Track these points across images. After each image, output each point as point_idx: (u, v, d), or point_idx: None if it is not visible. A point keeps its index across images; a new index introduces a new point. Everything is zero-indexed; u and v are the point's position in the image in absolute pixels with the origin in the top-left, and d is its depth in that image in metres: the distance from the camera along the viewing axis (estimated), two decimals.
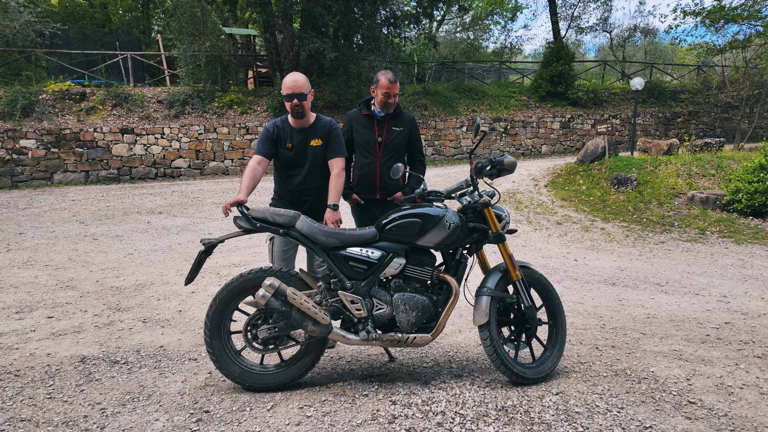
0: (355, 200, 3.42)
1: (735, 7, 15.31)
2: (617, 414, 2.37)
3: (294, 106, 2.87)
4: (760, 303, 4.28)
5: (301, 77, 2.89)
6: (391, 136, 3.33)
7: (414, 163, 3.50)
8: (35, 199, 9.87)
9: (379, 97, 3.25)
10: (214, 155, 13.30)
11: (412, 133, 3.42)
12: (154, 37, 20.83)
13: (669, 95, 19.08)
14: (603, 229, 7.48)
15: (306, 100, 2.88)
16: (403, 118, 3.39)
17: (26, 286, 4.61)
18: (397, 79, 3.24)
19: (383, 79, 3.20)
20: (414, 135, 3.44)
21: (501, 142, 16.18)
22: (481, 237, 2.71)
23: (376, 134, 3.32)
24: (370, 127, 3.34)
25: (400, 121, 3.37)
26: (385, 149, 3.33)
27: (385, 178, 3.32)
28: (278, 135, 2.95)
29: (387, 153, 3.33)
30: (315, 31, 13.44)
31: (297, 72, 3.00)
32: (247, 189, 2.71)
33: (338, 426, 2.28)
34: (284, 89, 2.87)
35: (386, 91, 3.20)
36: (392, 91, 3.21)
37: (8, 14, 13.45)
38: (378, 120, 3.33)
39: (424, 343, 2.58)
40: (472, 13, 25.54)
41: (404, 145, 3.41)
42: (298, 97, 2.85)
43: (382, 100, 3.24)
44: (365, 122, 3.36)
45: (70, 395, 2.58)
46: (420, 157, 3.50)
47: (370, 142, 3.33)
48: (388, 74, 3.21)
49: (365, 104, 3.38)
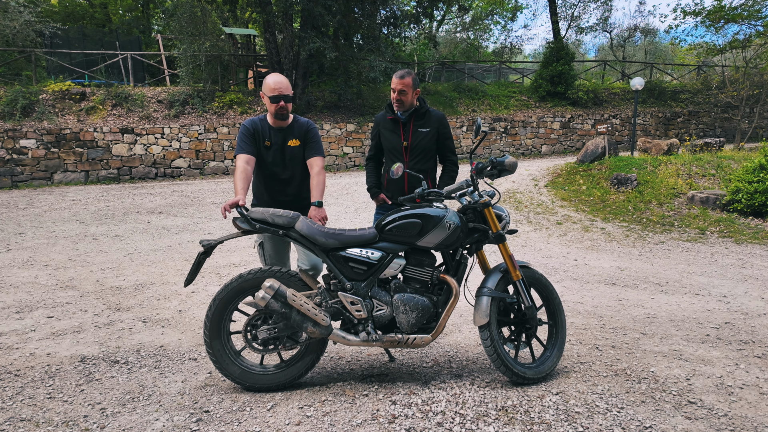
0: (382, 199, 3.36)
1: (735, 7, 15.31)
2: (617, 414, 2.37)
3: (280, 108, 2.84)
4: (760, 303, 4.28)
5: (285, 78, 2.89)
6: (417, 138, 3.21)
7: (446, 164, 3.37)
8: (35, 199, 9.87)
9: (392, 96, 3.18)
10: (214, 155, 13.30)
11: (440, 132, 3.26)
12: (154, 37, 20.82)
13: (669, 95, 19.07)
14: (603, 229, 7.48)
15: (290, 102, 2.89)
16: (429, 117, 3.24)
17: (26, 285, 4.61)
18: (407, 75, 3.12)
19: (393, 78, 3.15)
20: (443, 134, 3.27)
21: (501, 142, 16.18)
22: (481, 237, 2.71)
23: (402, 138, 3.23)
24: (395, 131, 3.26)
25: (426, 121, 3.23)
26: (412, 153, 3.22)
27: (414, 183, 3.23)
28: (257, 132, 2.92)
29: (415, 156, 3.22)
30: (315, 30, 13.44)
31: (278, 73, 2.99)
32: (243, 190, 2.68)
33: (338, 426, 2.28)
34: (269, 90, 2.83)
35: (394, 87, 3.13)
36: (400, 87, 3.10)
37: (8, 14, 13.45)
38: (403, 123, 3.24)
39: (425, 343, 2.58)
40: (472, 13, 25.53)
41: (433, 147, 3.28)
42: (284, 99, 2.84)
43: (394, 98, 3.16)
44: (391, 126, 3.28)
45: (70, 395, 2.59)
46: (452, 157, 3.35)
47: (396, 146, 3.25)
48: (398, 72, 3.14)
49: (389, 108, 3.29)
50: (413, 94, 3.16)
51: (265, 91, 2.85)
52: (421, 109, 3.24)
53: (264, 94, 2.87)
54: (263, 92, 2.87)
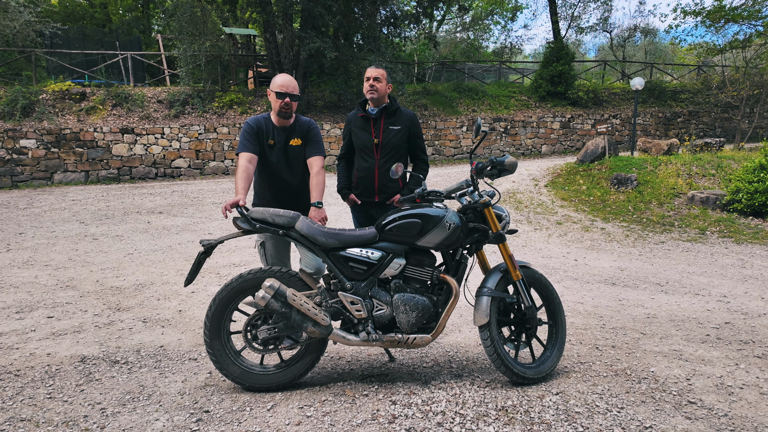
0: (352, 200, 3.37)
1: (735, 7, 15.31)
2: (617, 414, 2.37)
3: (285, 105, 2.87)
4: (760, 303, 4.28)
5: (294, 80, 2.94)
6: (389, 135, 3.23)
7: (416, 163, 3.40)
8: (35, 199, 9.87)
9: (365, 85, 3.18)
10: (214, 155, 13.30)
11: (412, 131, 3.29)
12: (154, 37, 20.83)
13: (669, 95, 19.07)
14: (603, 229, 7.48)
15: (296, 101, 2.91)
16: (401, 115, 3.28)
17: (26, 286, 4.61)
18: (381, 67, 3.19)
19: (367, 69, 3.19)
20: (414, 133, 3.30)
21: (501, 142, 16.18)
22: (481, 237, 2.71)
23: (373, 135, 3.25)
24: (366, 129, 3.27)
25: (397, 119, 3.26)
26: (383, 150, 3.24)
27: (384, 181, 3.24)
28: (261, 131, 2.93)
29: (385, 154, 3.24)
30: (315, 30, 13.44)
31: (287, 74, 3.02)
32: (244, 189, 2.68)
33: (338, 426, 2.28)
34: (277, 87, 2.87)
35: (368, 76, 3.15)
36: (375, 75, 3.12)
37: (8, 14, 13.45)
38: (374, 120, 3.25)
39: (425, 343, 2.58)
40: (472, 13, 25.53)
41: (404, 145, 3.30)
42: (291, 97, 2.87)
43: (368, 86, 3.16)
44: (362, 124, 3.29)
45: (70, 395, 2.58)
46: (422, 156, 3.38)
47: (367, 144, 3.26)
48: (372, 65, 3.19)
49: (361, 105, 3.32)
50: (387, 86, 3.20)
51: (272, 87, 2.89)
52: (392, 107, 3.26)
53: (270, 91, 2.91)
54: (270, 89, 2.91)
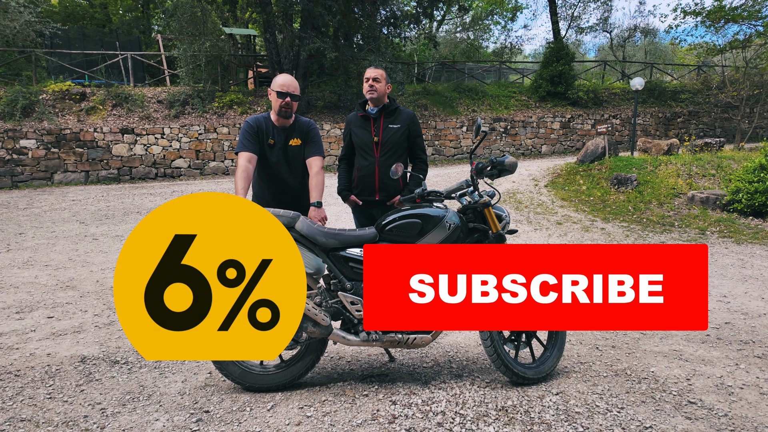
0: (353, 201, 3.39)
1: (735, 7, 15.31)
2: (617, 414, 2.37)
3: (286, 104, 2.87)
4: (760, 303, 4.28)
5: (295, 81, 2.94)
6: (388, 134, 3.26)
7: (415, 162, 3.42)
8: (35, 199, 9.87)
9: (365, 86, 3.21)
10: (214, 155, 13.30)
11: (411, 130, 3.33)
12: (154, 37, 20.83)
13: (669, 95, 19.07)
14: (603, 229, 7.48)
15: (297, 102, 2.91)
16: (400, 114, 3.31)
17: (26, 286, 4.61)
18: (381, 67, 3.23)
19: (367, 70, 3.22)
20: (414, 132, 3.34)
21: (501, 142, 16.18)
22: (481, 237, 2.71)
23: (372, 133, 3.27)
24: (366, 128, 3.30)
25: (396, 118, 3.30)
26: (383, 148, 3.26)
27: (385, 179, 3.26)
28: (260, 130, 2.93)
29: (385, 153, 3.26)
30: (315, 31, 13.44)
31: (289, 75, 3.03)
32: (244, 189, 2.68)
33: (338, 426, 2.28)
34: (278, 86, 2.87)
35: (368, 76, 3.18)
36: (374, 75, 3.16)
37: (8, 14, 13.45)
38: (373, 119, 3.29)
39: (425, 343, 2.58)
40: (472, 13, 25.53)
41: (404, 144, 3.32)
42: (292, 97, 2.88)
43: (367, 87, 3.20)
44: (361, 123, 3.32)
45: (70, 395, 2.59)
46: (422, 155, 3.40)
47: (367, 142, 3.28)
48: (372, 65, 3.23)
49: (361, 106, 3.35)
50: (386, 86, 3.23)
51: (273, 86, 2.90)
52: (391, 106, 3.30)
53: (271, 90, 2.91)
54: (271, 88, 2.91)
